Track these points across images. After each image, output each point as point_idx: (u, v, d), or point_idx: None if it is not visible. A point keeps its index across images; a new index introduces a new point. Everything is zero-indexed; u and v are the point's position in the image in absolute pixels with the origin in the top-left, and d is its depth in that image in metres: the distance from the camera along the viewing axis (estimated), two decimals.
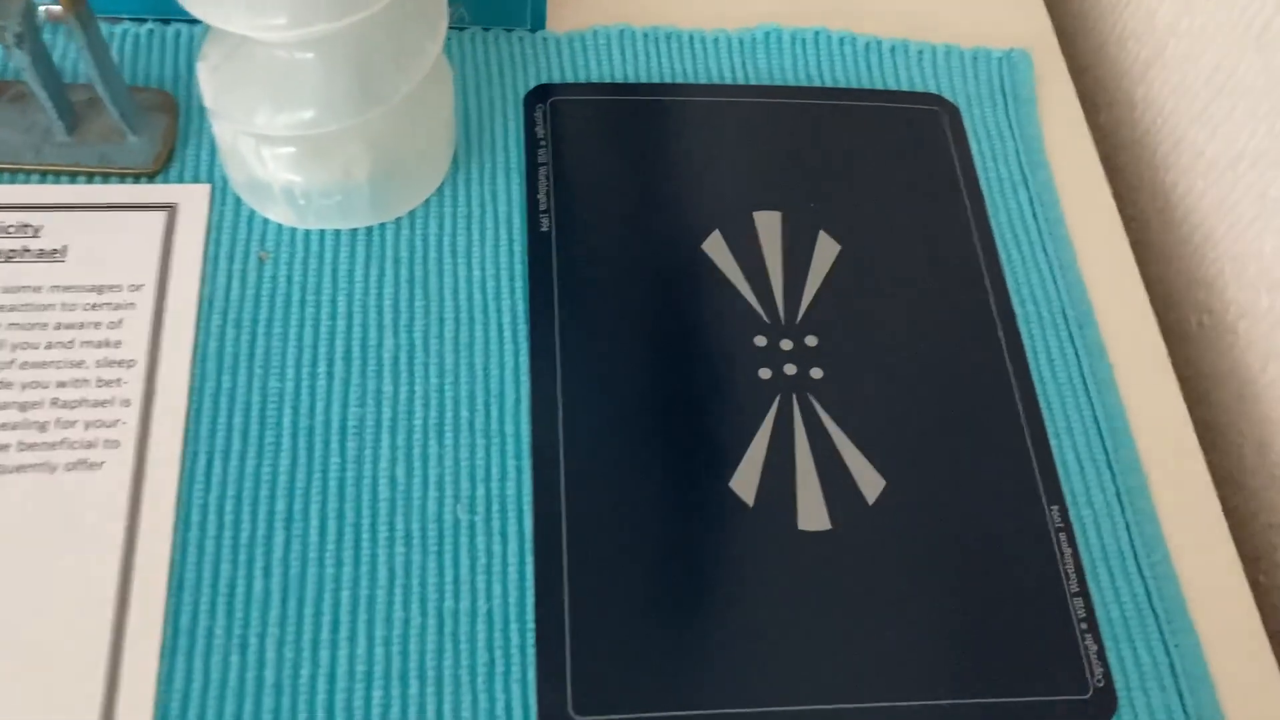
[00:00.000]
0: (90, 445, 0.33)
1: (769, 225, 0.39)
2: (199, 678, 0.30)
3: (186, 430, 0.34)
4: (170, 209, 0.37)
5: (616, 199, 0.39)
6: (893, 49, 0.44)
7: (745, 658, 0.32)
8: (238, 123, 0.34)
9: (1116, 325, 0.39)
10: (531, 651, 0.32)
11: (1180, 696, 0.32)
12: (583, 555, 0.33)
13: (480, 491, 0.34)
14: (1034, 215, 0.41)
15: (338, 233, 0.37)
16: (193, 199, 0.38)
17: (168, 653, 0.31)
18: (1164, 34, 0.44)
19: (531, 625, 0.32)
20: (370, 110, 0.33)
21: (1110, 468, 0.36)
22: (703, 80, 0.42)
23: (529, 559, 0.33)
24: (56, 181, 0.38)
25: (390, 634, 0.31)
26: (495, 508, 0.34)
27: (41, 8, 0.38)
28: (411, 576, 0.32)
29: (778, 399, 0.36)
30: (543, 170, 0.39)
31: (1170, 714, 0.32)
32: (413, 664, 0.31)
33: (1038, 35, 0.46)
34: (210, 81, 0.34)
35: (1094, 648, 0.33)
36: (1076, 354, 0.38)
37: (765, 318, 0.37)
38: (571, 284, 0.37)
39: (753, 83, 0.43)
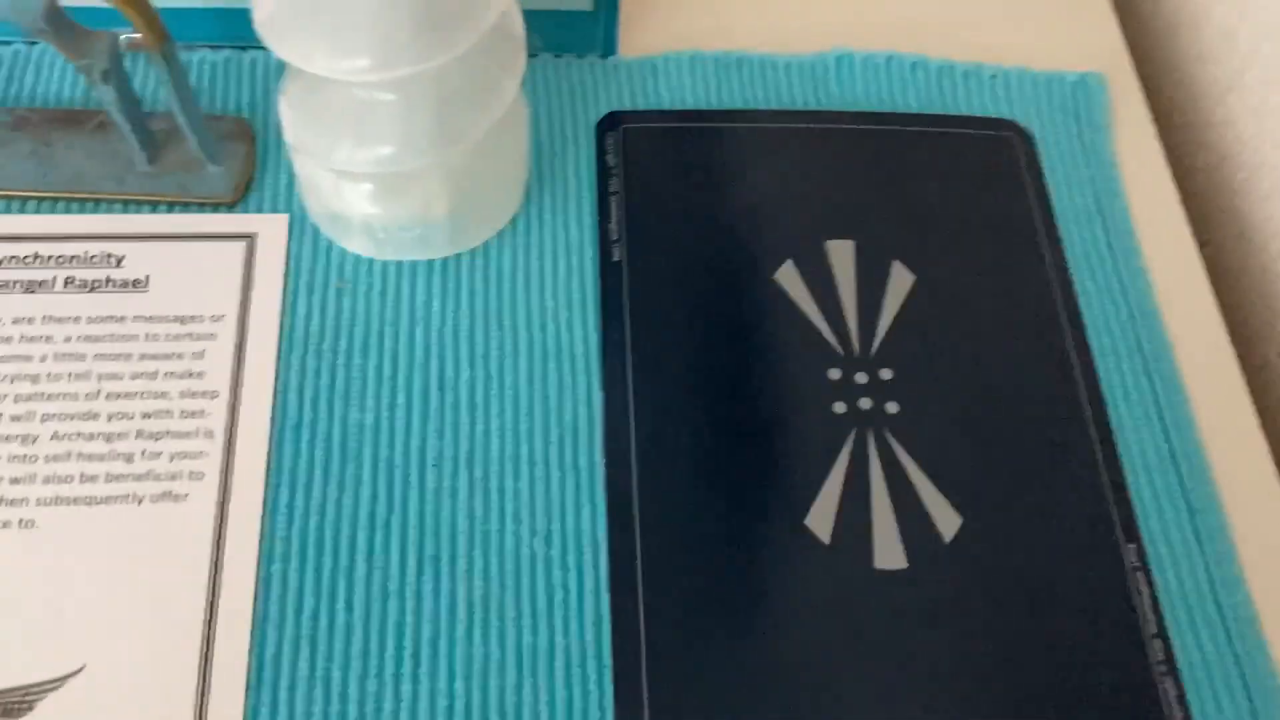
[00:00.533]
0: (175, 477, 0.34)
1: (842, 254, 0.39)
2: (284, 711, 0.31)
3: (269, 462, 0.34)
4: (250, 239, 0.38)
5: (688, 228, 0.39)
6: (965, 74, 0.43)
7: (820, 698, 0.32)
8: (318, 158, 0.34)
9: (1193, 359, 0.39)
10: (609, 688, 0.32)
11: None
12: (658, 591, 0.33)
13: (555, 526, 0.34)
14: (1109, 246, 0.40)
15: (414, 263, 0.38)
16: (272, 229, 0.38)
17: (253, 686, 0.31)
18: (1246, 55, 0.43)
19: (609, 661, 0.32)
20: (449, 148, 0.34)
21: (1188, 505, 0.36)
22: (774, 106, 0.42)
23: (604, 595, 0.33)
24: (138, 211, 0.38)
25: (470, 669, 0.32)
26: (570, 543, 0.34)
27: (123, 36, 0.38)
28: (490, 611, 0.33)
29: (853, 433, 0.36)
30: (614, 199, 0.39)
31: None
32: (492, 699, 0.32)
33: (1110, 55, 0.45)
34: (291, 116, 0.35)
35: (1174, 692, 0.33)
36: (1153, 388, 0.38)
37: (839, 350, 0.37)
38: (643, 314, 0.37)
39: (825, 108, 0.42)
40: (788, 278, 0.39)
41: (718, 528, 0.34)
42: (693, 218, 0.39)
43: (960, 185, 0.41)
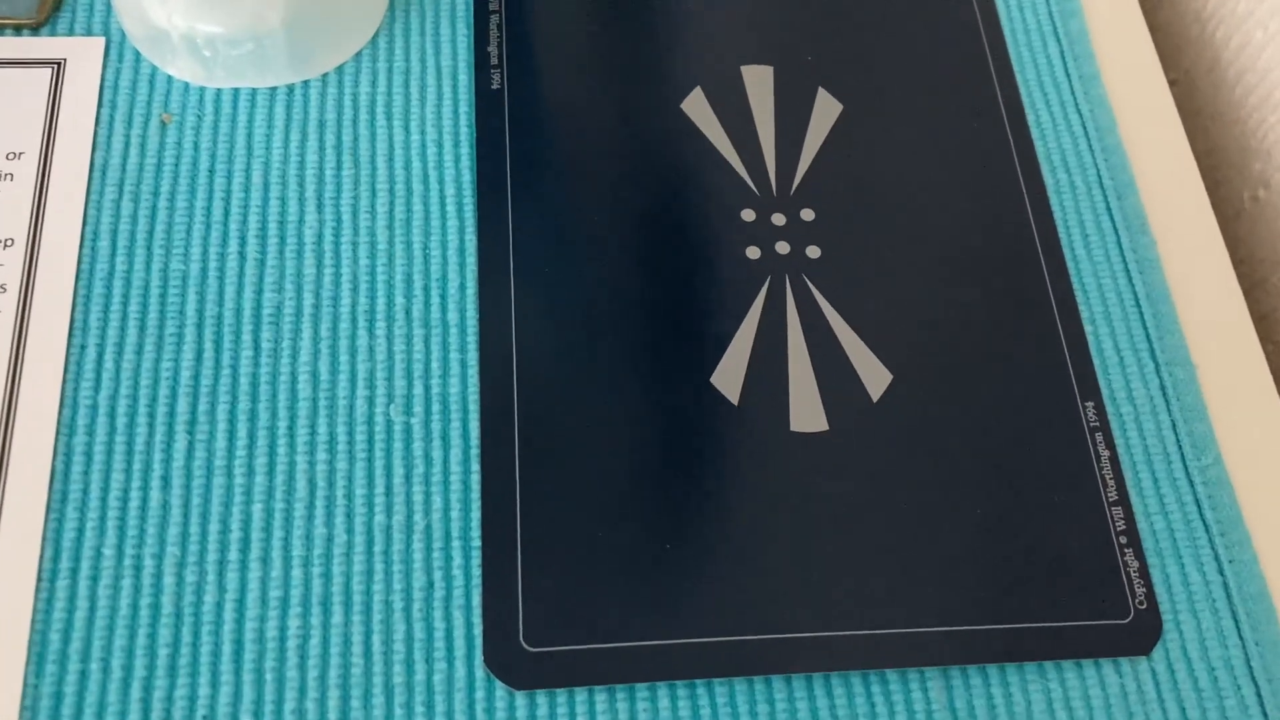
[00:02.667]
0: None
1: (759, 81, 0.34)
2: (84, 605, 0.26)
3: (73, 320, 0.29)
4: (57, 66, 0.32)
5: (581, 50, 0.33)
6: None
7: (727, 579, 0.27)
8: None
9: (1160, 196, 0.34)
10: (477, 573, 0.27)
11: (1235, 619, 0.28)
12: (538, 462, 0.28)
13: (418, 389, 0.29)
14: (1066, 71, 0.35)
15: (253, 93, 0.32)
16: (83, 55, 0.32)
17: (47, 576, 0.26)
18: None
19: (477, 543, 0.27)
20: None
21: (1154, 358, 0.31)
22: None
23: (474, 467, 0.28)
24: None
25: (310, 554, 0.27)
26: (435, 408, 0.29)
27: None
28: (336, 488, 0.28)
29: (768, 281, 0.31)
30: (494, 18, 0.34)
31: (1223, 639, 0.28)
32: (336, 588, 0.27)
33: None
34: None
35: (1135, 565, 0.28)
36: (1115, 228, 0.33)
37: (754, 188, 0.32)
38: (526, 150, 0.32)
39: None
40: (696, 108, 0.33)
41: (609, 389, 0.29)
42: (586, 39, 0.34)
43: (895, 1, 0.35)
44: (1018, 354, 0.30)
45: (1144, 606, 0.27)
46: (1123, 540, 0.28)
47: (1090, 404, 0.30)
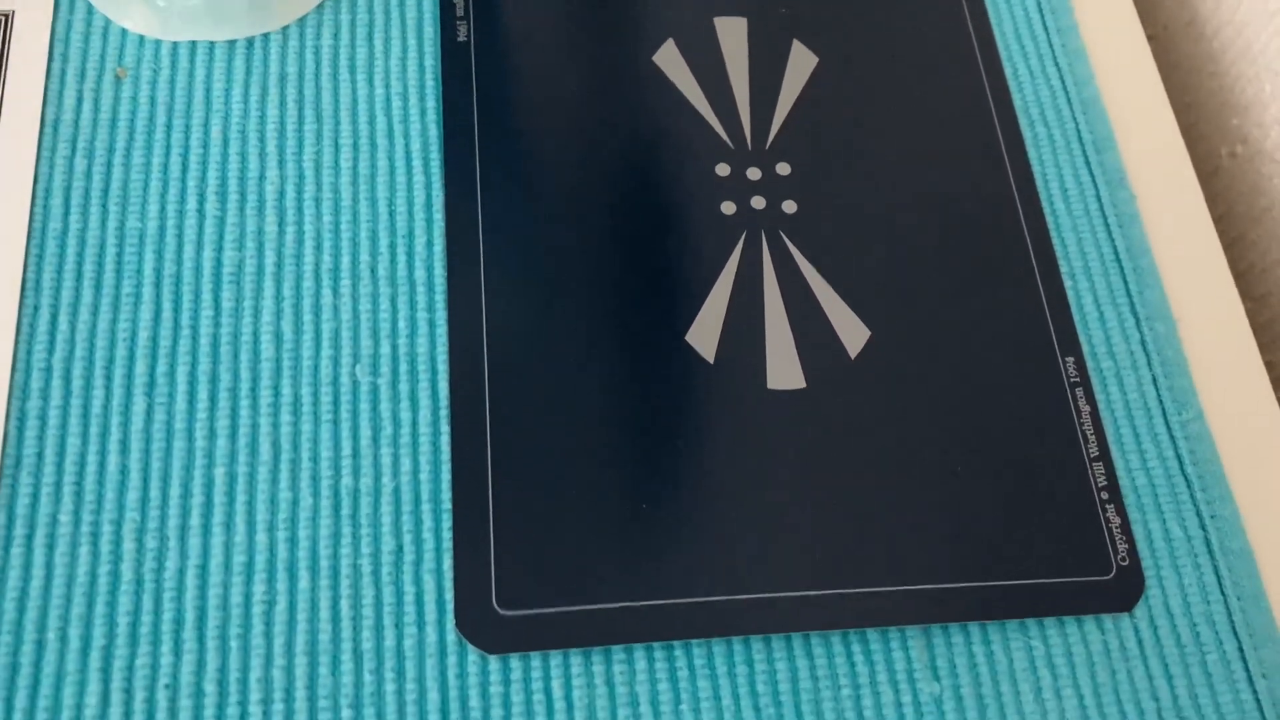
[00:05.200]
0: None
1: (733, 33, 0.33)
2: (39, 573, 0.25)
3: (24, 280, 0.28)
4: (4, 18, 0.31)
5: (549, 2, 0.33)
6: None
7: (704, 539, 0.26)
8: None
9: (1139, 150, 0.33)
10: (447, 536, 0.26)
11: (1217, 574, 0.28)
12: (509, 422, 0.27)
13: (384, 349, 0.28)
14: (1043, 23, 0.35)
15: (211, 45, 0.31)
16: (32, 5, 0.31)
17: (3, 545, 0.25)
18: None
19: (447, 505, 0.27)
20: None
21: (1134, 312, 0.31)
22: None
23: (444, 428, 0.27)
24: None
25: (274, 519, 0.26)
26: (403, 368, 0.28)
27: None
28: (300, 450, 0.27)
29: (743, 237, 0.30)
30: None
31: (1206, 595, 0.27)
32: (302, 553, 0.26)
33: None
34: None
35: (1117, 521, 0.28)
36: (1094, 182, 0.32)
37: (729, 142, 0.31)
38: (494, 103, 0.31)
39: None
40: (668, 60, 0.32)
41: (580, 347, 0.28)
42: None
43: None
44: (997, 309, 0.30)
45: (1126, 563, 0.27)
46: (1104, 496, 0.28)
47: (1070, 359, 0.30)
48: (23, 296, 0.28)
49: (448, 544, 0.26)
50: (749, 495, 0.27)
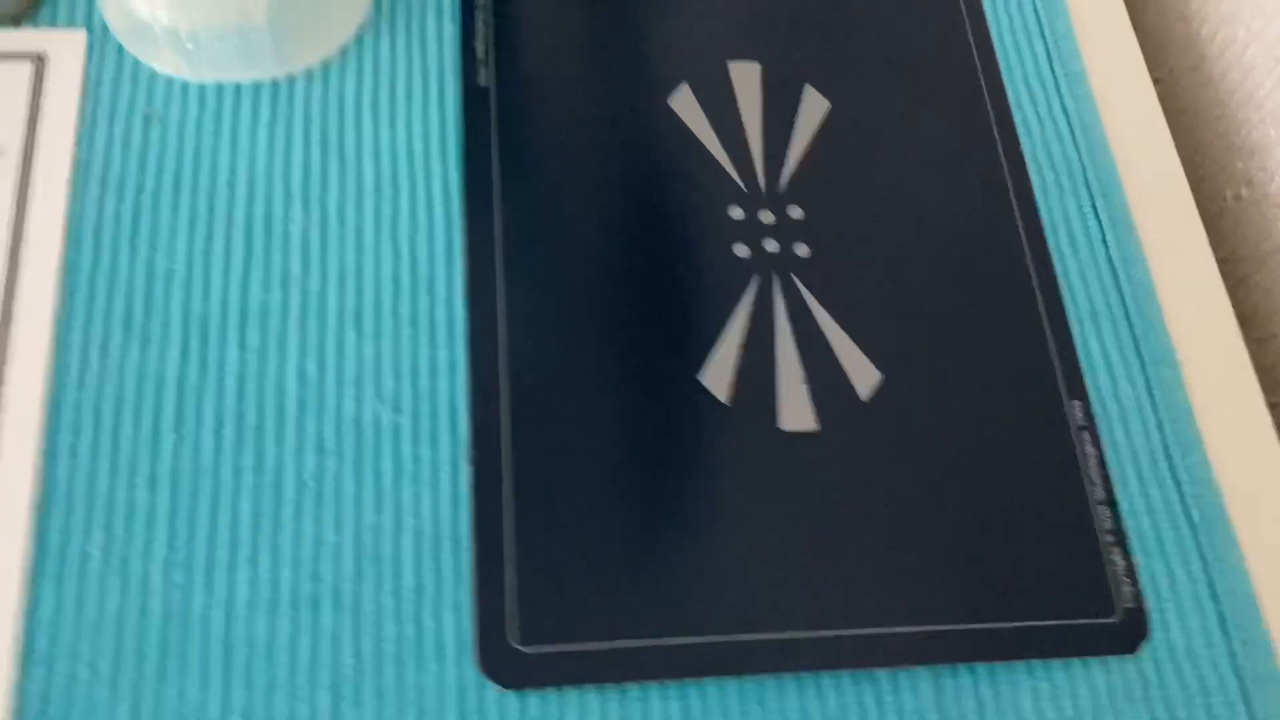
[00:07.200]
0: None
1: (747, 78, 0.34)
2: (70, 606, 0.26)
3: (57, 319, 0.28)
4: (39, 60, 0.32)
5: (568, 47, 0.33)
6: None
7: (717, 579, 0.27)
8: None
9: (1145, 195, 0.34)
10: (467, 573, 0.27)
11: (1221, 619, 0.28)
12: (528, 461, 0.28)
13: (406, 389, 0.29)
14: (1051, 69, 0.35)
15: (238, 88, 0.32)
16: (66, 48, 0.32)
17: (35, 579, 0.26)
18: None
19: (467, 543, 0.27)
20: None
21: (1139, 356, 0.31)
22: None
23: (464, 466, 0.28)
24: None
25: (299, 555, 0.27)
26: (424, 408, 0.29)
27: None
28: (325, 488, 0.27)
29: (756, 280, 0.31)
30: (480, 14, 0.33)
31: (1209, 638, 0.28)
32: (326, 589, 0.26)
33: None
34: None
35: (1122, 564, 0.28)
36: (1101, 227, 0.33)
37: (742, 186, 0.32)
38: (514, 147, 0.32)
39: None
40: (684, 104, 0.33)
41: (598, 388, 0.29)
42: (574, 36, 0.34)
43: (882, 1, 0.35)
44: (1005, 353, 0.31)
45: (1131, 606, 0.28)
46: (1110, 539, 0.28)
47: (1077, 403, 0.30)
48: (55, 335, 0.28)
49: (468, 581, 0.27)
50: (761, 535, 0.27)
